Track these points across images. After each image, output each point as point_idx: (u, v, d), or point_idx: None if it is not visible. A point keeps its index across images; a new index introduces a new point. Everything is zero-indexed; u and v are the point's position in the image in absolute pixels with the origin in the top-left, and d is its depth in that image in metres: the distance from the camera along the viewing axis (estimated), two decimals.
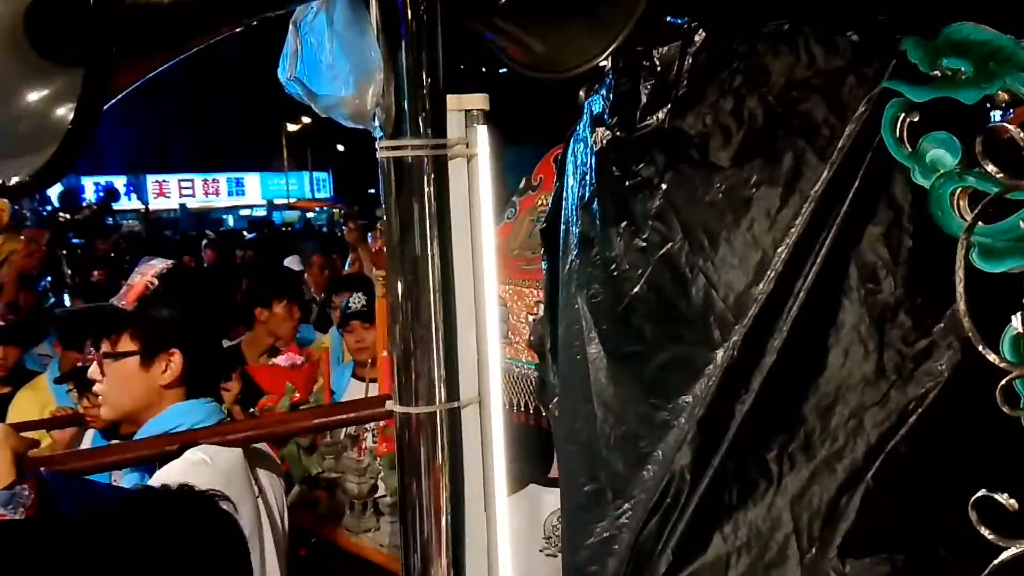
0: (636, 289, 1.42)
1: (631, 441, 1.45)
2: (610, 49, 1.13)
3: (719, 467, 1.34)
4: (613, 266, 1.46)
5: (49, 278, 5.88)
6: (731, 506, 1.35)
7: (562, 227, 1.61)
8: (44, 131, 0.75)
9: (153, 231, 16.71)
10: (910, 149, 1.13)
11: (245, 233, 16.29)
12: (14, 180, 0.73)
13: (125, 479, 2.18)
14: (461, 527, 1.08)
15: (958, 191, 1.12)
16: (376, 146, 1.07)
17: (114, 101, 0.73)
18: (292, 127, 35.38)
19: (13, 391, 4.25)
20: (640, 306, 1.42)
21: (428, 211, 1.05)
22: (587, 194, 1.51)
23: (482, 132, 1.08)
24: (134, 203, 22.64)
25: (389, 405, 1.09)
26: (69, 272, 6.47)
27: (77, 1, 0.74)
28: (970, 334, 1.07)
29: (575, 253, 1.55)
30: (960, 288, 1.07)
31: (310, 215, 27.82)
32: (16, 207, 6.69)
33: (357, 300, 4.28)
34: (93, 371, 2.20)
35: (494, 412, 1.11)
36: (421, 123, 1.03)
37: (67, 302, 6.20)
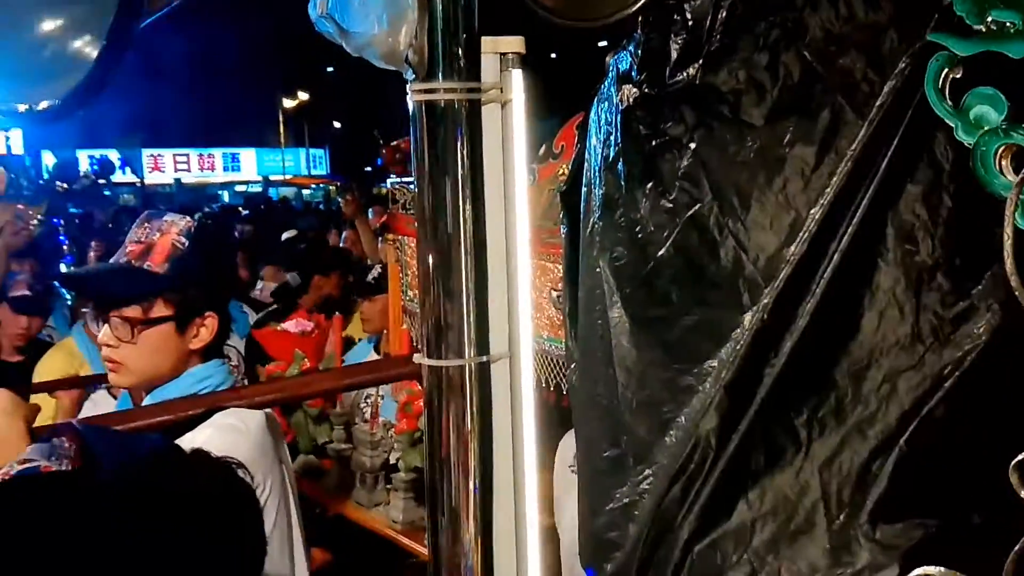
0: (662, 251, 1.39)
1: (654, 406, 1.42)
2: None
3: (746, 432, 1.31)
4: (638, 228, 1.43)
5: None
6: (757, 472, 1.32)
7: (583, 189, 1.58)
8: (68, 58, 0.71)
9: (149, 205, 16.61)
10: (953, 105, 1.10)
11: (241, 209, 16.20)
12: (43, 104, 0.69)
13: None
14: (490, 483, 1.05)
15: (1002, 148, 1.08)
16: (407, 89, 1.03)
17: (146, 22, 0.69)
18: (289, 103, 35.19)
19: (29, 360, 4.23)
20: (666, 269, 1.39)
21: (460, 157, 1.01)
22: (611, 154, 1.47)
23: (517, 76, 1.04)
24: (129, 177, 22.49)
25: (417, 358, 1.05)
26: (66, 243, 6.41)
27: None
28: (1017, 293, 1.04)
29: (597, 215, 1.51)
30: (1008, 246, 1.04)
31: (306, 192, 27.68)
32: (12, 176, 6.63)
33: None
34: (106, 336, 2.12)
35: (524, 367, 1.08)
36: (455, 65, 0.99)
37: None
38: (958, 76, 1.11)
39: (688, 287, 1.38)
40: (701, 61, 1.30)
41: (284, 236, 8.36)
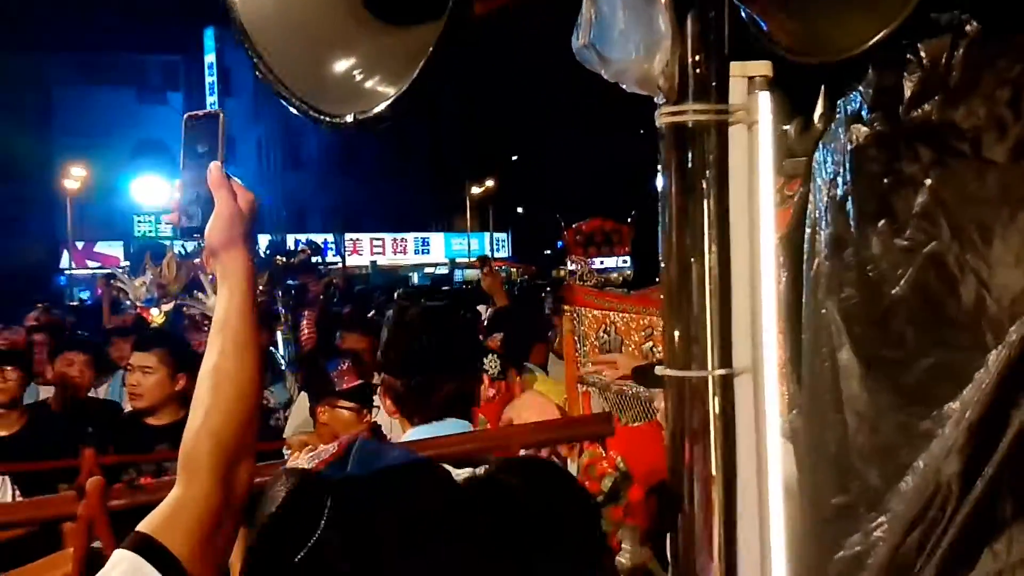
0: (896, 290, 1.38)
1: (888, 451, 1.39)
2: (887, 30, 1.12)
3: (993, 478, 1.26)
4: (870, 267, 1.42)
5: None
6: (1004, 520, 1.26)
7: (807, 231, 1.58)
8: (375, 84, 0.82)
9: (349, 284, 17.59)
10: None
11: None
12: (376, 109, 0.80)
13: None
14: (733, 494, 1.06)
15: None
16: (656, 114, 1.09)
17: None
18: (476, 189, 36.63)
19: None
20: (901, 309, 1.37)
21: (708, 176, 1.06)
22: (840, 194, 1.47)
23: (764, 99, 1.08)
24: (331, 259, 23.98)
25: (659, 370, 1.09)
26: (282, 311, 6.87)
27: None
28: None
29: (824, 255, 1.51)
30: None
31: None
32: None
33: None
34: None
35: (768, 381, 1.09)
36: (704, 88, 1.05)
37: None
38: None
39: (925, 327, 1.35)
40: (939, 98, 1.30)
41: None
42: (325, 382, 3.48)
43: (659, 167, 1.09)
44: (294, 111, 0.93)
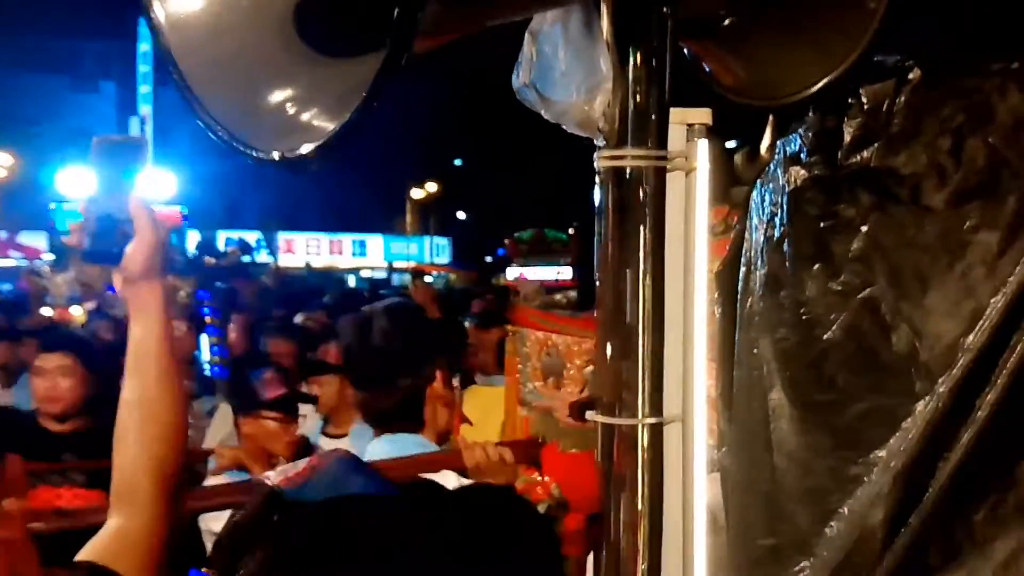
0: (829, 334, 1.37)
1: (817, 495, 1.38)
2: (832, 76, 1.11)
3: (918, 527, 1.26)
4: (804, 309, 1.41)
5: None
6: (929, 569, 1.26)
7: (743, 269, 1.57)
8: (310, 118, 0.78)
9: (282, 285, 17.32)
10: None
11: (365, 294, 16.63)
12: (301, 150, 0.75)
13: None
14: (659, 543, 1.04)
15: None
16: (595, 156, 1.07)
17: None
18: (417, 193, 36.45)
19: None
20: (834, 352, 1.37)
21: (644, 220, 1.04)
22: (777, 235, 1.47)
23: (703, 146, 1.07)
24: (262, 258, 23.60)
25: (590, 415, 1.07)
26: (210, 315, 6.71)
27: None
28: None
29: (759, 295, 1.50)
30: None
31: (428, 279, 28.38)
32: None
33: None
34: None
35: (697, 432, 1.07)
36: (644, 133, 1.03)
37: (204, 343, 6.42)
38: None
39: (858, 372, 1.34)
40: (878, 144, 1.30)
41: None
42: (249, 392, 3.38)
43: (596, 209, 1.07)
44: (219, 141, 0.88)
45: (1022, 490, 1.20)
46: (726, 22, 1.11)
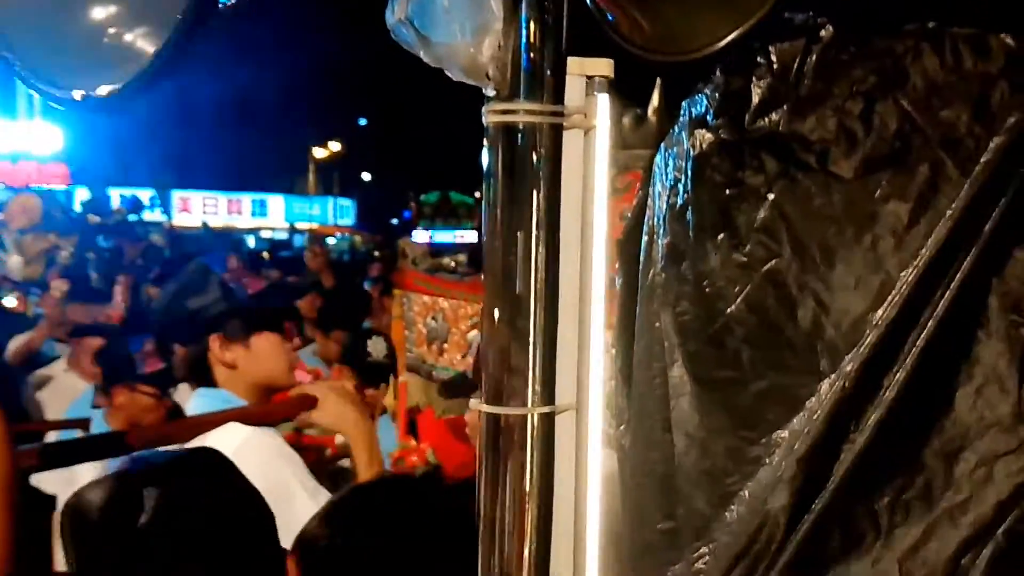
0: (732, 308, 1.29)
1: (716, 477, 1.31)
2: (741, 29, 1.01)
3: (821, 512, 1.20)
4: (706, 282, 1.33)
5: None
6: (831, 558, 1.20)
7: (644, 238, 1.49)
8: (124, 49, 0.64)
9: (175, 246, 16.68)
10: None
11: (265, 255, 16.15)
12: (101, 90, 0.61)
13: None
14: (546, 550, 0.94)
15: None
16: (483, 109, 0.94)
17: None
18: (320, 152, 35.62)
19: None
20: (736, 327, 1.29)
21: (538, 185, 0.92)
22: (680, 202, 1.38)
23: (603, 102, 0.95)
24: (157, 216, 22.71)
25: (474, 404, 0.95)
26: (94, 276, 6.38)
27: None
28: None
29: (660, 266, 1.42)
30: None
31: (331, 241, 27.82)
32: (47, 208, 6.64)
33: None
34: None
35: (592, 422, 0.97)
36: (538, 85, 0.91)
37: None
38: None
39: (760, 348, 1.27)
40: (787, 107, 1.21)
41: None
42: (126, 361, 3.18)
43: (484, 169, 0.94)
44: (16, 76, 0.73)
45: (928, 475, 1.15)
46: None
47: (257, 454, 2.14)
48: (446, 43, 0.86)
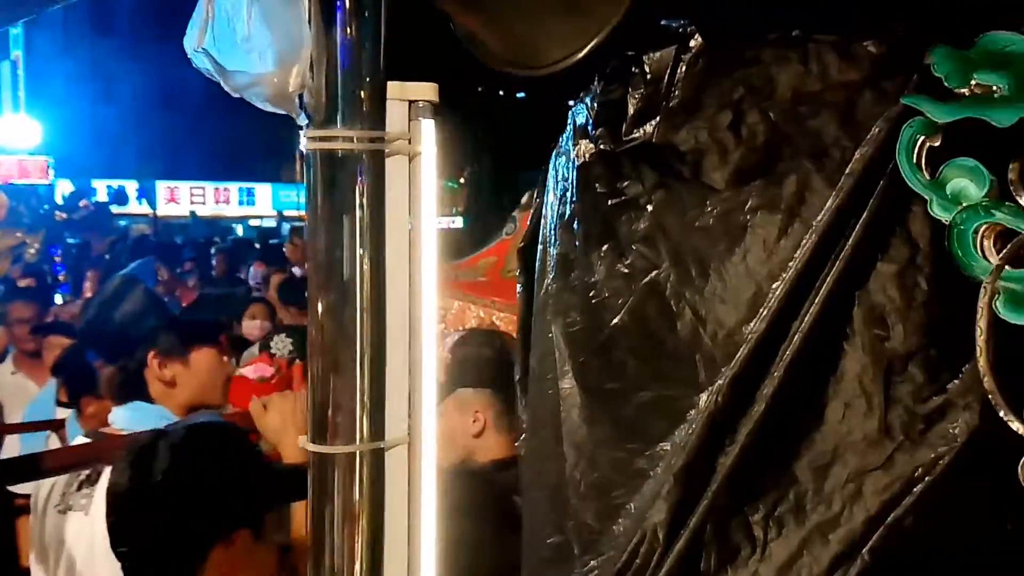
0: (617, 319, 1.28)
1: (604, 490, 1.29)
2: (592, 44, 0.99)
3: (697, 527, 1.18)
4: (592, 292, 1.31)
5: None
6: (708, 573, 1.19)
7: (539, 247, 1.47)
8: None
9: (163, 236, 16.58)
10: (929, 177, 0.98)
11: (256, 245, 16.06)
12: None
13: None
14: None
15: (984, 228, 0.97)
16: (301, 135, 0.91)
17: None
18: None
19: None
20: (621, 338, 1.27)
21: (359, 214, 0.89)
22: (568, 212, 1.36)
23: (428, 127, 0.93)
24: (144, 208, 22.56)
25: (302, 442, 0.93)
26: (62, 272, 6.34)
27: None
28: (991, 396, 0.92)
29: (552, 276, 1.40)
30: (981, 341, 0.92)
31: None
32: (14, 204, 6.59)
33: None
34: None
35: (425, 455, 0.95)
36: (356, 111, 0.88)
37: (57, 301, 6.06)
38: (936, 145, 0.99)
39: (643, 360, 1.26)
40: (660, 118, 1.19)
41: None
42: (88, 372, 3.13)
43: (306, 195, 0.92)
44: None
45: (800, 489, 1.13)
46: None
47: None
48: (248, 72, 0.83)
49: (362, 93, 0.88)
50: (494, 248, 3.27)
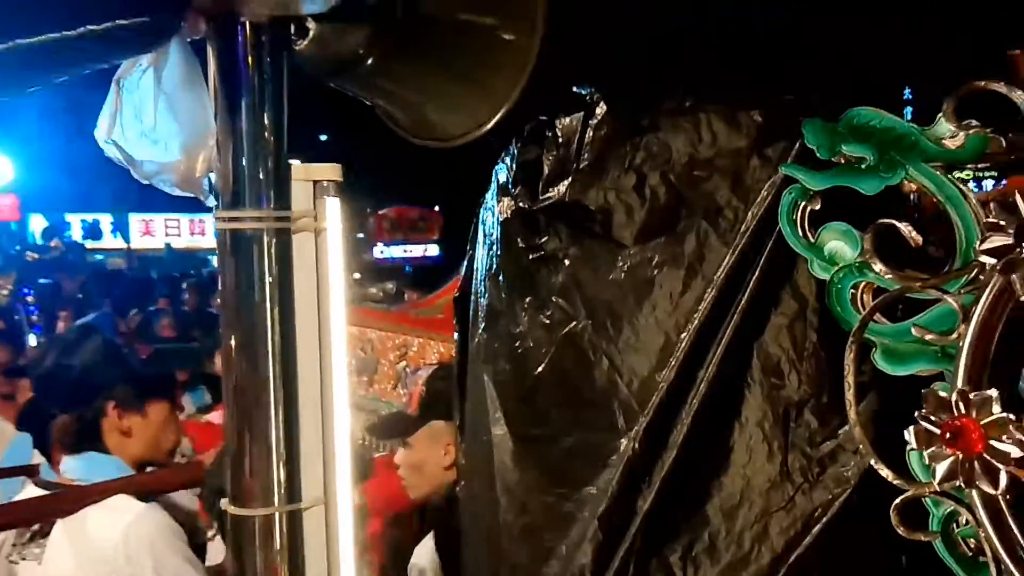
0: (541, 368, 1.34)
1: (535, 533, 1.35)
2: (496, 118, 1.05)
3: (620, 568, 1.24)
4: (518, 343, 1.37)
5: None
6: None
7: (472, 298, 1.53)
8: None
9: (136, 270, 16.52)
10: (809, 239, 1.05)
11: None
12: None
13: None
14: None
15: (862, 286, 1.03)
16: (213, 216, 0.97)
17: None
18: None
19: None
20: (545, 386, 1.33)
21: (268, 290, 0.95)
22: (494, 265, 1.42)
23: (333, 204, 0.99)
24: (119, 242, 22.43)
25: (224, 504, 0.98)
26: (35, 314, 6.33)
27: None
28: (860, 445, 0.98)
29: (483, 326, 1.46)
30: (850, 396, 0.99)
31: None
32: None
33: None
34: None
35: (342, 515, 1.00)
36: (262, 192, 0.94)
37: (30, 342, 6.06)
38: (816, 208, 1.06)
39: (567, 406, 1.32)
40: (571, 178, 1.26)
41: None
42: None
43: (217, 274, 0.98)
44: None
45: (713, 530, 1.19)
46: (368, 63, 1.03)
47: (147, 535, 2.16)
48: (155, 161, 0.88)
49: (267, 175, 0.93)
50: (451, 286, 3.31)
